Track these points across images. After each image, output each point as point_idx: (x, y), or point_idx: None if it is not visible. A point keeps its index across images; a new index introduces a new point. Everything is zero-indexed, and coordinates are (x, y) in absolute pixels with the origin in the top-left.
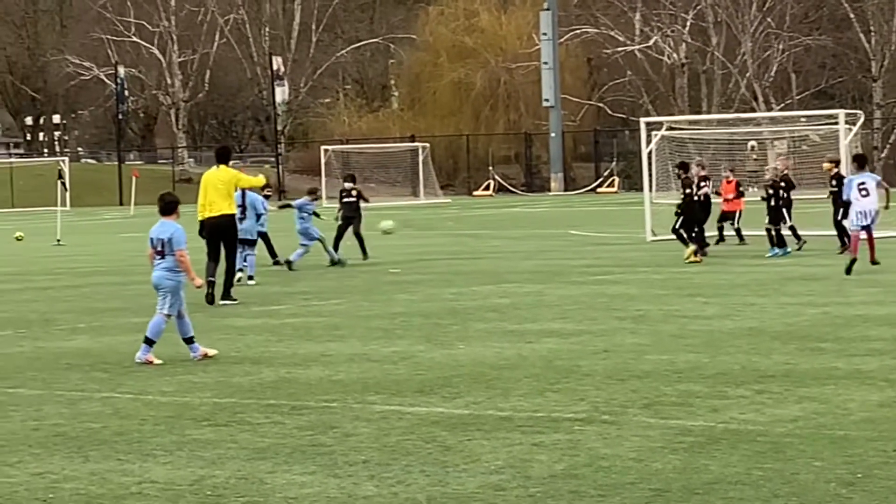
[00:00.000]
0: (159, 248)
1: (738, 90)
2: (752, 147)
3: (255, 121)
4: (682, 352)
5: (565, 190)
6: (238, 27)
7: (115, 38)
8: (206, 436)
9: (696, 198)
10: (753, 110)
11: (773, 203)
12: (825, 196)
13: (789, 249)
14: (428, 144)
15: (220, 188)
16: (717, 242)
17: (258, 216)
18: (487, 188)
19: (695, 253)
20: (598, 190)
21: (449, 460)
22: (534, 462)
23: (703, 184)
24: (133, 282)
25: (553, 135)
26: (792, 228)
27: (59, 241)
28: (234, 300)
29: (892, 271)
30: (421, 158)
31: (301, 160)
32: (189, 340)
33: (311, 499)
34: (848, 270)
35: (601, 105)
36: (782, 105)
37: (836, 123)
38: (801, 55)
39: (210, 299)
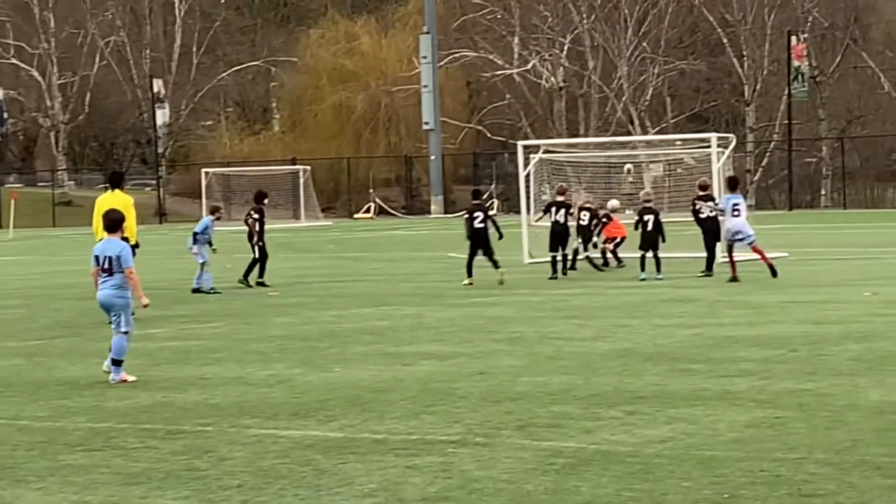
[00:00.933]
0: (106, 266)
1: (615, 114)
2: (629, 170)
3: (136, 143)
4: (557, 373)
5: (445, 213)
6: (119, 49)
7: None
8: (80, 461)
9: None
10: (630, 133)
11: (648, 228)
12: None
13: (660, 276)
14: (309, 167)
15: None
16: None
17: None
18: (368, 211)
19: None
20: None
21: (323, 483)
22: (407, 485)
23: (583, 213)
24: (8, 305)
25: (433, 158)
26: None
27: None
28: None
29: (762, 293)
30: (302, 181)
31: (182, 183)
32: (114, 362)
33: None
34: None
35: (481, 128)
36: (658, 128)
37: (710, 146)
38: (676, 79)
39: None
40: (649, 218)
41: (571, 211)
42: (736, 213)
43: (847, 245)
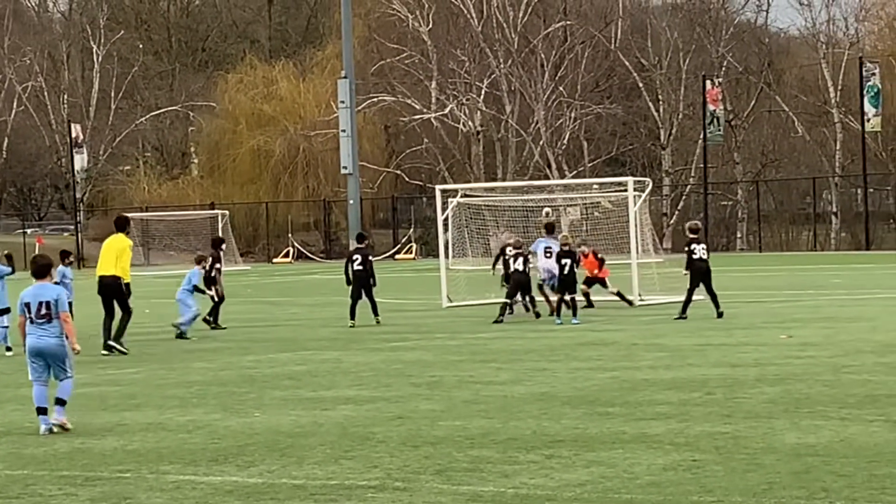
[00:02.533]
0: (43, 311)
1: (533, 157)
2: (547, 213)
3: (54, 188)
4: (476, 417)
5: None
6: (36, 94)
7: None
8: None
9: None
10: (548, 177)
11: (565, 271)
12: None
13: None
14: (227, 212)
15: (111, 252)
16: (585, 306)
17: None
18: (287, 255)
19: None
20: (397, 257)
21: None
22: None
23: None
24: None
25: (351, 202)
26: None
27: None
28: (126, 350)
29: (678, 335)
30: (220, 226)
31: (101, 227)
32: (60, 402)
33: None
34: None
35: (399, 172)
36: (575, 172)
37: (626, 190)
38: (593, 123)
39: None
40: (566, 262)
41: (530, 259)
42: (548, 255)
43: (762, 287)
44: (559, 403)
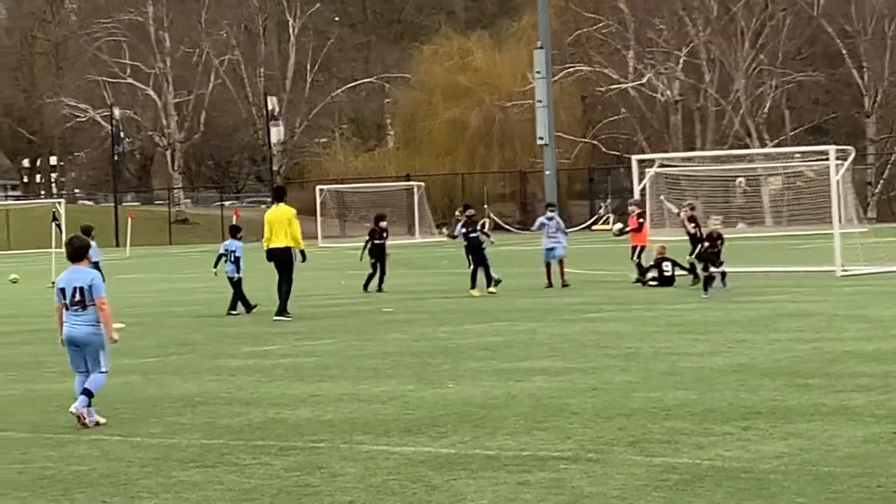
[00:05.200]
0: (78, 298)
1: (732, 127)
2: (740, 183)
3: (251, 161)
4: (671, 389)
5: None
6: (233, 68)
7: (110, 79)
8: (193, 477)
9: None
10: (747, 147)
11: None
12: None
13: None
14: (423, 183)
15: (279, 223)
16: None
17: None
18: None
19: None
20: (593, 228)
21: (434, 499)
22: (518, 501)
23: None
24: (123, 323)
25: (548, 173)
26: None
27: (53, 283)
28: (289, 317)
29: (881, 307)
30: (416, 197)
31: (297, 200)
32: (86, 393)
33: None
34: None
35: (596, 143)
36: (776, 141)
37: (828, 159)
38: (795, 91)
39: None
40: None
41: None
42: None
43: None
44: (757, 375)
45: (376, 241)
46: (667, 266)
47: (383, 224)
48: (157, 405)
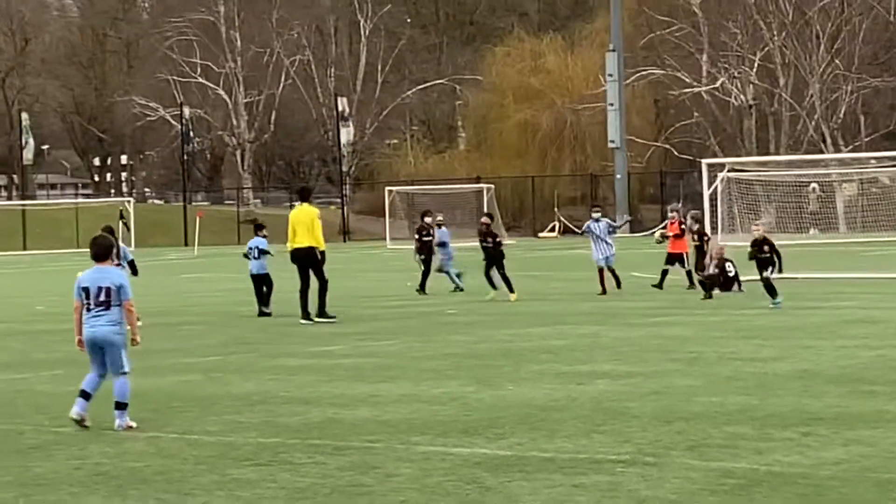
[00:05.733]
0: (103, 298)
1: (807, 132)
2: (813, 189)
3: (321, 161)
4: (733, 394)
5: (632, 232)
6: (304, 68)
7: (181, 79)
8: (247, 475)
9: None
10: (822, 152)
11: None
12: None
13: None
14: (493, 185)
15: (302, 223)
16: (656, 284)
17: (260, 253)
18: (553, 229)
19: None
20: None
21: (487, 501)
22: (571, 503)
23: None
24: (187, 322)
25: (619, 176)
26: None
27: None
28: (333, 317)
29: None
30: (486, 199)
31: (366, 201)
32: (120, 406)
33: None
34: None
35: (668, 146)
36: (851, 147)
37: None
38: (871, 97)
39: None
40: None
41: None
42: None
43: None
44: (821, 381)
45: (424, 239)
46: (730, 266)
47: (428, 220)
48: (216, 403)
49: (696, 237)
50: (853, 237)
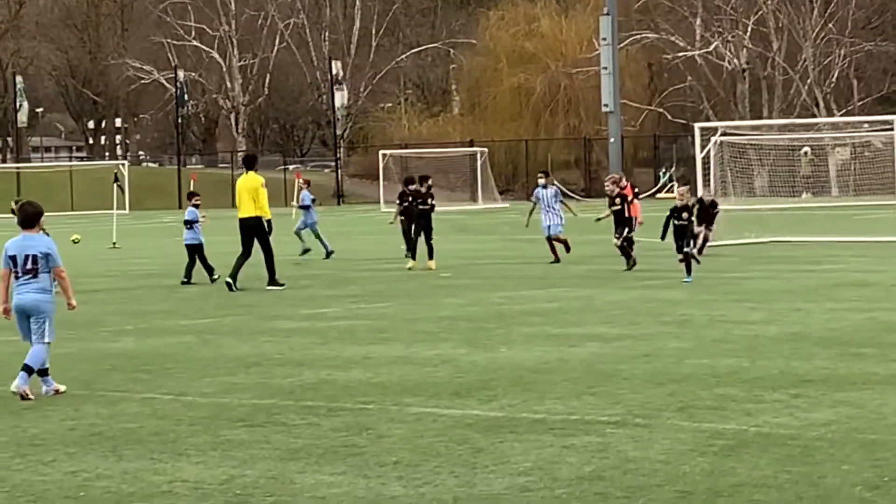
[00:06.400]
0: (30, 266)
1: (800, 96)
2: (806, 153)
3: (315, 125)
4: (723, 356)
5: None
6: (298, 31)
7: (175, 42)
8: (241, 436)
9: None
10: (814, 116)
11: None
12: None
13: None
14: (487, 149)
15: (247, 193)
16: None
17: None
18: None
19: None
20: (658, 195)
21: (478, 462)
22: (562, 464)
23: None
24: (182, 285)
25: (612, 140)
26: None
27: (114, 244)
28: (282, 284)
29: None
30: (480, 163)
31: (360, 165)
32: (43, 372)
33: (338, 498)
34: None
35: (661, 111)
36: (844, 111)
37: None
38: (864, 61)
39: (230, 287)
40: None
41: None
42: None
43: None
44: (810, 344)
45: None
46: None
47: (412, 187)
48: (210, 365)
49: (617, 201)
50: (846, 200)
